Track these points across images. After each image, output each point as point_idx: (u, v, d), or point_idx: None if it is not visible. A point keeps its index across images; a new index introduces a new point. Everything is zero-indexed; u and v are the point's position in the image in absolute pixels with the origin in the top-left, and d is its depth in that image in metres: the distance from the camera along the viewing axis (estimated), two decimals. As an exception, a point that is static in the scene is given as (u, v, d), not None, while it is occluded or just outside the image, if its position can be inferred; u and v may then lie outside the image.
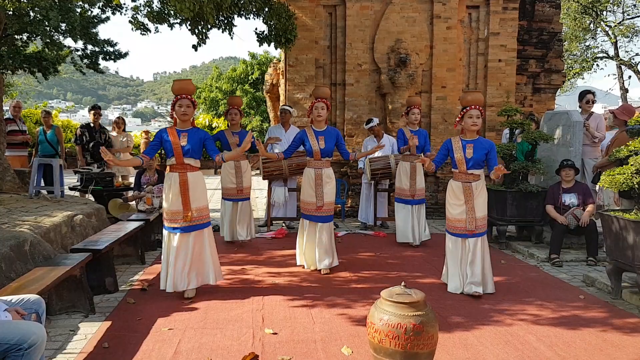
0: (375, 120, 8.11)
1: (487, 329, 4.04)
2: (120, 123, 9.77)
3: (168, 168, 4.81)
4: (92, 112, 8.95)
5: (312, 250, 5.71)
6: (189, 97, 4.75)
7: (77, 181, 7.95)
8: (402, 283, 3.30)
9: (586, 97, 7.39)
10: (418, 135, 6.98)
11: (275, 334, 3.93)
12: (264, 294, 4.91)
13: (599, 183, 5.11)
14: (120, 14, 8.77)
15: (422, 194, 7.05)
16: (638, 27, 21.98)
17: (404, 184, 6.98)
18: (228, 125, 7.22)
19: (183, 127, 4.77)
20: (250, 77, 29.49)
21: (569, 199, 6.30)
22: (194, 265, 4.75)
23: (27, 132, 9.30)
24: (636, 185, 4.64)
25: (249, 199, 7.10)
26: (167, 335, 3.90)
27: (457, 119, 4.96)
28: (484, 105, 9.34)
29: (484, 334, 3.94)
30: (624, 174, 4.68)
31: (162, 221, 4.84)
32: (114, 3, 8.05)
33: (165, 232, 4.78)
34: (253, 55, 30.42)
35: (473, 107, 4.80)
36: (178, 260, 4.68)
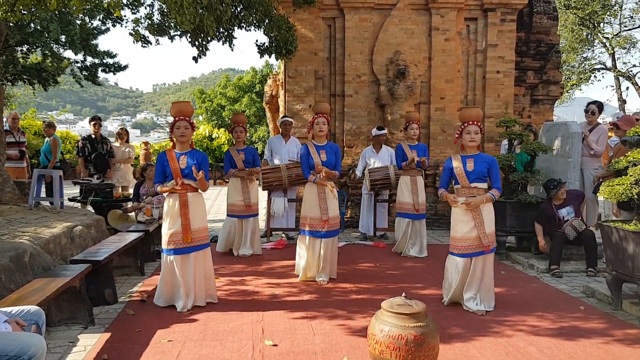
0: (385, 130, 8.24)
1: (487, 340, 4.03)
2: (123, 134, 9.80)
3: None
4: (93, 123, 8.98)
5: (313, 265, 5.69)
6: (187, 119, 4.78)
7: (78, 192, 7.96)
8: (403, 294, 3.30)
9: (587, 107, 7.41)
10: (417, 150, 7.06)
11: (276, 345, 3.91)
12: (264, 305, 4.89)
13: (598, 194, 5.12)
14: (121, 26, 8.84)
15: (424, 208, 7.09)
16: (635, 38, 22.17)
17: (407, 198, 7.00)
18: (233, 143, 7.27)
19: (182, 150, 4.79)
20: (257, 86, 29.84)
21: (566, 213, 6.27)
22: (192, 286, 4.74)
23: (26, 144, 9.31)
24: (635, 196, 4.65)
25: (257, 214, 7.10)
26: (166, 347, 3.88)
27: (457, 135, 4.92)
28: (482, 118, 9.37)
29: (484, 345, 3.93)
30: (624, 184, 4.69)
31: (161, 243, 4.83)
32: (114, 15, 8.09)
33: (163, 254, 4.77)
34: (253, 69, 30.85)
35: (471, 122, 4.78)
36: (177, 282, 4.69)
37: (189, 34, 6.89)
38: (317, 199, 5.61)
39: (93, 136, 8.87)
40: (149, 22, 7.33)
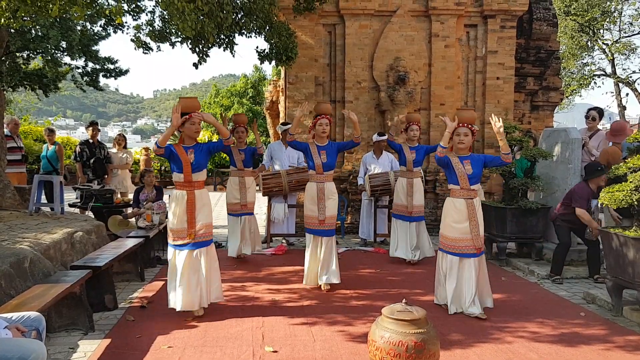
0: (386, 136, 8.23)
1: (488, 347, 4.03)
2: (120, 140, 9.81)
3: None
4: (90, 128, 8.99)
5: (315, 266, 5.70)
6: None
7: (77, 198, 7.96)
8: (403, 300, 3.30)
9: (588, 113, 7.41)
10: (417, 151, 6.99)
11: (276, 352, 3.91)
12: (264, 311, 4.89)
13: (598, 199, 5.12)
14: (122, 32, 8.86)
15: (420, 211, 6.98)
16: (635, 45, 22.23)
17: (401, 200, 6.96)
18: (234, 143, 7.29)
19: (189, 144, 4.77)
20: (249, 91, 30.19)
21: (594, 205, 6.06)
22: (201, 282, 4.69)
23: (25, 149, 9.35)
24: (635, 202, 4.66)
25: (252, 213, 7.17)
26: (166, 353, 3.88)
27: (449, 137, 4.95)
28: (482, 124, 9.38)
29: (485, 352, 3.93)
30: (623, 190, 4.70)
31: (167, 238, 4.81)
32: (116, 22, 8.11)
33: (170, 249, 4.75)
34: (245, 76, 31.24)
35: (462, 124, 4.81)
36: (185, 278, 4.64)
37: (189, 41, 6.91)
38: (316, 198, 5.65)
39: (91, 141, 8.88)
40: (150, 28, 7.35)
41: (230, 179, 7.14)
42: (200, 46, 7.02)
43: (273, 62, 8.40)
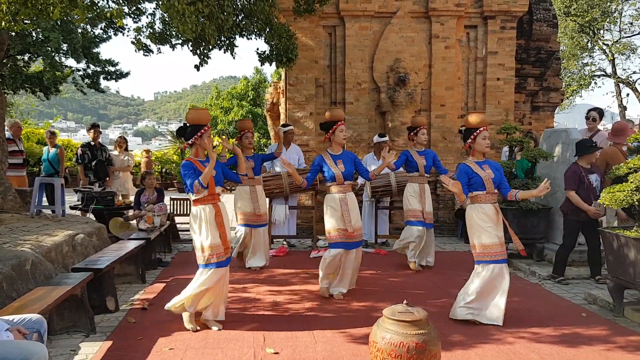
0: (387, 137, 8.19)
1: (489, 348, 4.03)
2: (122, 142, 9.83)
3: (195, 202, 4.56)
4: (92, 130, 9.00)
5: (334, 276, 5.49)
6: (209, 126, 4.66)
7: (78, 200, 7.97)
8: (405, 301, 3.30)
9: (588, 114, 7.41)
10: (426, 156, 6.74)
11: (277, 353, 3.91)
12: (265, 312, 4.90)
13: (599, 200, 5.11)
14: (123, 34, 8.88)
15: (431, 218, 6.73)
16: (635, 45, 22.23)
17: (415, 205, 6.63)
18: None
19: (204, 158, 4.59)
20: (249, 93, 30.29)
21: (594, 179, 5.95)
22: (223, 297, 4.61)
23: (25, 152, 9.36)
24: (636, 203, 4.66)
25: (266, 224, 6.87)
26: (168, 355, 3.88)
27: (470, 141, 4.75)
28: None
29: (486, 353, 3.93)
30: (624, 191, 4.70)
31: (198, 260, 4.54)
32: (117, 24, 8.12)
33: (207, 270, 4.45)
34: (245, 78, 31.34)
35: (484, 128, 4.74)
36: (217, 295, 4.55)
37: (190, 43, 6.91)
38: (340, 210, 5.31)
39: (92, 143, 8.90)
40: (151, 30, 7.36)
41: (239, 188, 6.75)
42: (201, 48, 7.03)
43: (273, 64, 8.40)
